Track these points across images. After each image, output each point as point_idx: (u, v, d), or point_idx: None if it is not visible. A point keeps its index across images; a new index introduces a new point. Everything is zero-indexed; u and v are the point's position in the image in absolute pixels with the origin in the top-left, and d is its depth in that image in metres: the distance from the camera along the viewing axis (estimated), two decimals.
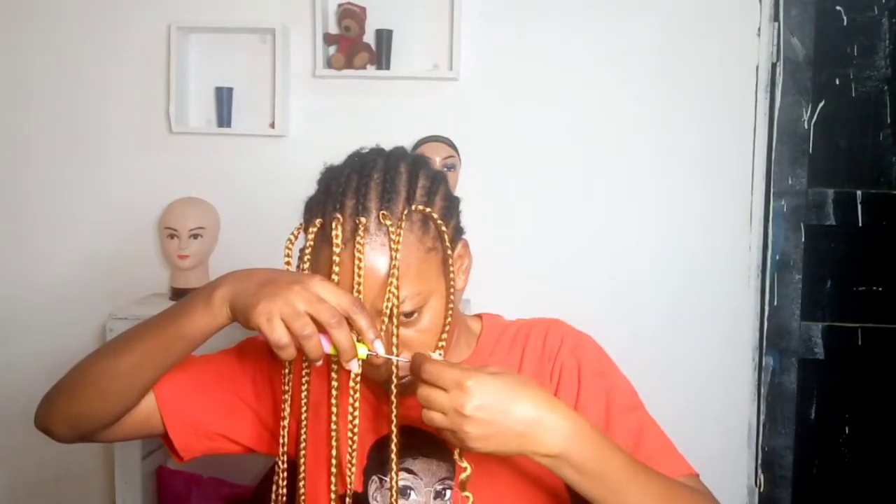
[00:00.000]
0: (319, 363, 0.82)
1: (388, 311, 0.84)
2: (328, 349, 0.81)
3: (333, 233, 0.84)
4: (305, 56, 2.21)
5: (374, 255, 0.84)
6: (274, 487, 0.93)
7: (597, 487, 0.80)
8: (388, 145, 0.97)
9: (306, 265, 0.87)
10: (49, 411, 0.96)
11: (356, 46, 2.15)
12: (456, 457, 0.83)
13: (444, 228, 0.87)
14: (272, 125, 2.20)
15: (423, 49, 2.20)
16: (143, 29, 2.24)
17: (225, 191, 2.24)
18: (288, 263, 0.88)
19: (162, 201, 2.20)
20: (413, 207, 0.86)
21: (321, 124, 2.24)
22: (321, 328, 0.79)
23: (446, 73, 2.16)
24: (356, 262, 0.83)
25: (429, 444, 0.95)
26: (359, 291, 0.83)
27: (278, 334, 0.78)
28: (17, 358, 2.32)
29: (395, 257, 0.83)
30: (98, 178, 2.29)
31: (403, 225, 0.85)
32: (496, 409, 0.77)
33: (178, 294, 2.16)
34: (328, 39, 2.17)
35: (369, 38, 2.17)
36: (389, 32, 2.16)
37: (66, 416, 0.95)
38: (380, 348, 0.82)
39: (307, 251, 0.87)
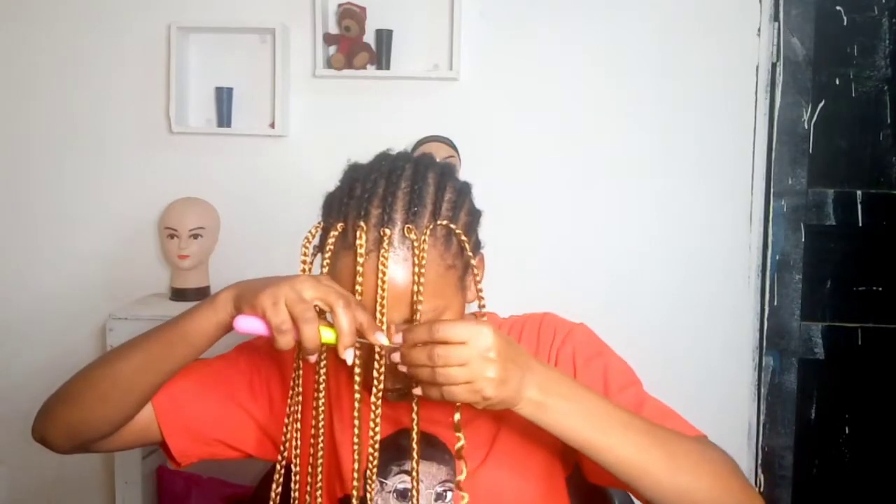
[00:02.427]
0: (313, 359, 0.82)
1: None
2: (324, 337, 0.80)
3: (357, 242, 0.84)
4: (305, 56, 2.21)
5: (396, 268, 0.84)
6: (273, 486, 0.92)
7: (582, 427, 0.81)
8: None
9: (325, 269, 0.87)
10: (47, 420, 0.95)
11: (356, 46, 2.15)
12: (455, 430, 0.83)
13: (467, 246, 0.87)
14: (272, 125, 2.20)
15: (423, 49, 2.20)
16: (143, 29, 2.24)
17: (225, 191, 2.24)
18: (304, 262, 0.88)
19: (162, 201, 2.20)
20: (438, 223, 0.86)
21: (321, 124, 2.24)
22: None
23: (446, 73, 2.16)
24: (380, 274, 0.83)
25: (429, 446, 0.96)
26: (382, 305, 0.83)
27: (281, 318, 0.78)
28: (17, 358, 2.32)
29: (419, 272, 0.83)
30: (98, 178, 2.29)
31: (427, 240, 0.85)
32: (509, 352, 0.78)
33: (178, 294, 2.16)
34: (328, 39, 2.17)
35: (369, 38, 2.17)
36: (389, 32, 2.16)
37: (64, 425, 0.93)
38: (383, 339, 0.81)
39: (327, 254, 0.87)
